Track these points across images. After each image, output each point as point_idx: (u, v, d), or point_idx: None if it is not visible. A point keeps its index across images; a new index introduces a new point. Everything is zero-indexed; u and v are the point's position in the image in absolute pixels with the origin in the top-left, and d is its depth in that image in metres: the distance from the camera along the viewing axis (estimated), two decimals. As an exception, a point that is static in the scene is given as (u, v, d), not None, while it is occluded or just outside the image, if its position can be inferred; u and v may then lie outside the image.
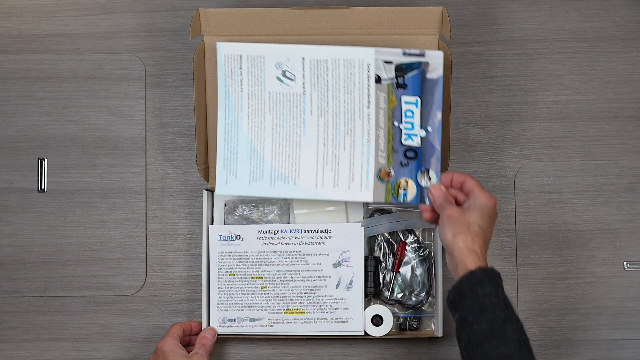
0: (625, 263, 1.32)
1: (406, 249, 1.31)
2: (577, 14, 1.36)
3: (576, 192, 1.34)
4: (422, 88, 1.23)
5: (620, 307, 1.32)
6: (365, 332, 1.28)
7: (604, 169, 1.34)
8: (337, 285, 1.28)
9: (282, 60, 1.24)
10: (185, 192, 1.35)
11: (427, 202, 1.20)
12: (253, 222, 1.30)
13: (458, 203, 1.17)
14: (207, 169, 1.30)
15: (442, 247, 1.29)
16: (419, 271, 1.30)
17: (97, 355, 1.33)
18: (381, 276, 1.31)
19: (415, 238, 1.31)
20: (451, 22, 1.32)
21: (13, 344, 1.33)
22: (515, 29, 1.36)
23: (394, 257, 1.31)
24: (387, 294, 1.30)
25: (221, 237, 1.28)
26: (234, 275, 1.28)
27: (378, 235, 1.31)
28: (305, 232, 1.28)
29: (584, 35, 1.36)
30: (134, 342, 1.33)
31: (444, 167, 1.28)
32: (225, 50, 1.25)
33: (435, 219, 1.19)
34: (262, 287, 1.28)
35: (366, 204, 1.31)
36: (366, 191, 1.24)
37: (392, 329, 1.28)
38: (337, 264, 1.28)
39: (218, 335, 1.28)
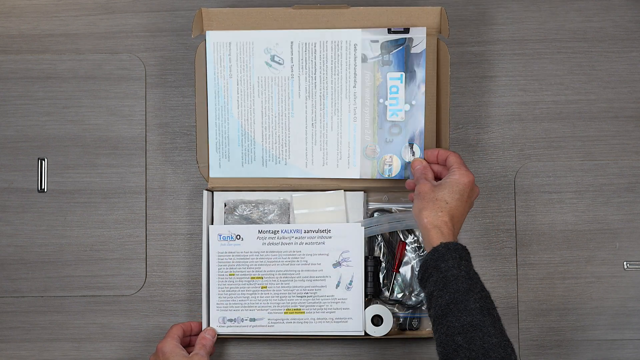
0: (625, 263, 1.32)
1: (406, 249, 1.31)
2: (577, 14, 1.36)
3: (576, 192, 1.34)
4: (407, 63, 1.27)
5: (620, 307, 1.32)
6: (365, 332, 1.28)
7: (604, 169, 1.34)
8: (337, 285, 1.28)
9: (271, 45, 1.28)
10: (185, 192, 1.35)
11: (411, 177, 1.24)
12: (253, 222, 1.30)
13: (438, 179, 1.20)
14: (207, 169, 1.30)
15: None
16: (419, 271, 1.30)
17: (97, 355, 1.33)
18: (381, 276, 1.31)
19: (415, 238, 1.31)
20: (451, 22, 1.33)
21: (13, 344, 1.33)
22: (515, 29, 1.36)
23: (394, 257, 1.31)
24: (387, 294, 1.30)
25: (221, 237, 1.28)
26: (234, 275, 1.28)
27: (378, 235, 1.31)
28: (305, 232, 1.28)
29: (584, 35, 1.36)
30: (134, 342, 1.33)
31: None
32: (215, 39, 1.28)
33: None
34: (262, 287, 1.28)
35: (366, 204, 1.31)
36: (353, 168, 1.29)
37: (392, 329, 1.28)
38: (337, 264, 1.28)
39: (218, 335, 1.28)
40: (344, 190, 1.30)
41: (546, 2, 1.36)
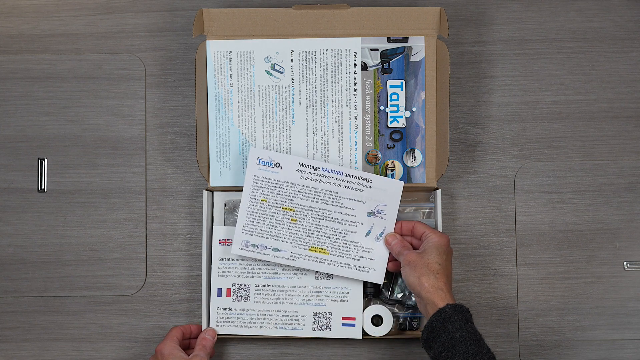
0: (625, 263, 1.32)
1: (406, 249, 1.31)
2: (577, 14, 1.36)
3: (576, 192, 1.34)
4: (406, 70, 1.28)
5: (620, 307, 1.32)
6: (365, 332, 1.28)
7: (604, 169, 1.34)
8: (367, 234, 1.26)
9: (271, 54, 1.28)
10: (185, 192, 1.35)
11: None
12: (253, 222, 1.30)
13: (414, 248, 1.24)
14: (208, 168, 1.30)
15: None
16: (419, 271, 1.30)
17: (97, 355, 1.33)
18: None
19: (415, 238, 1.31)
20: (451, 22, 1.33)
21: (13, 344, 1.33)
22: (515, 29, 1.36)
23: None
24: (387, 294, 1.30)
25: (260, 161, 1.26)
26: (265, 201, 1.26)
27: (378, 235, 1.31)
28: (346, 176, 1.26)
29: (584, 35, 1.36)
30: (134, 342, 1.33)
31: (442, 163, 1.28)
32: (215, 48, 1.29)
33: (398, 267, 1.25)
34: (291, 220, 1.26)
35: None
36: None
37: (392, 329, 1.28)
38: (371, 214, 1.26)
39: (218, 335, 1.28)
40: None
41: (546, 2, 1.36)
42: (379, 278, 1.26)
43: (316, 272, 1.28)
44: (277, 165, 1.26)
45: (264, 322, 1.27)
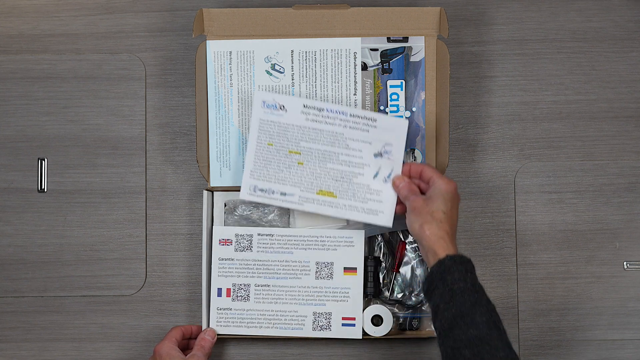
0: (625, 263, 1.32)
1: (406, 249, 1.31)
2: (577, 14, 1.36)
3: (576, 192, 1.34)
4: (406, 70, 1.28)
5: (620, 307, 1.32)
6: (365, 332, 1.28)
7: (604, 169, 1.34)
8: (375, 176, 1.25)
9: (271, 54, 1.28)
10: (185, 192, 1.35)
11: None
12: (253, 222, 1.30)
13: (422, 192, 1.21)
14: (208, 168, 1.30)
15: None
16: (419, 271, 1.30)
17: (97, 355, 1.33)
18: (381, 276, 1.31)
19: (415, 238, 1.31)
20: (451, 22, 1.33)
21: (13, 344, 1.33)
22: (515, 29, 1.36)
23: (394, 257, 1.31)
24: (387, 294, 1.30)
25: (265, 104, 1.25)
26: (272, 145, 1.25)
27: (378, 235, 1.31)
28: (350, 116, 1.25)
29: (584, 35, 1.36)
30: (134, 342, 1.33)
31: (442, 163, 1.28)
32: (215, 48, 1.29)
33: (404, 210, 1.22)
34: (298, 163, 1.25)
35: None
36: None
37: (392, 329, 1.28)
38: (378, 155, 1.25)
39: (218, 335, 1.28)
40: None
41: (546, 2, 1.36)
42: (387, 220, 1.24)
43: (315, 271, 1.28)
44: (282, 107, 1.25)
45: (264, 322, 1.27)
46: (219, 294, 1.28)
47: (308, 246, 1.28)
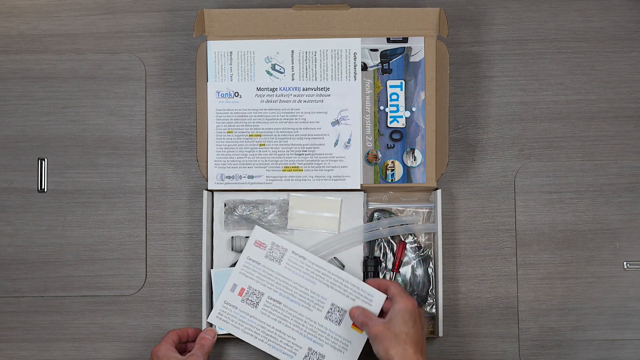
0: (625, 263, 1.33)
1: (406, 249, 1.31)
2: (577, 14, 1.36)
3: (576, 192, 1.34)
4: (406, 71, 1.29)
5: (620, 307, 1.32)
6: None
7: (604, 169, 1.34)
8: (336, 144, 1.28)
9: (271, 54, 1.28)
10: (185, 192, 1.35)
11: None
12: (253, 222, 1.30)
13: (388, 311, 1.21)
14: (207, 168, 1.30)
15: (442, 247, 1.29)
16: (419, 271, 1.30)
17: (97, 355, 1.33)
18: (381, 276, 1.30)
19: (415, 238, 1.31)
20: (451, 22, 1.33)
21: (13, 344, 1.33)
22: (515, 29, 1.36)
23: (394, 257, 1.31)
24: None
25: (219, 94, 1.28)
26: (232, 132, 1.28)
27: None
28: (303, 90, 1.28)
29: (584, 35, 1.36)
30: (134, 342, 1.33)
31: (442, 163, 1.28)
32: (216, 48, 1.29)
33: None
34: (260, 145, 1.28)
35: (366, 204, 1.31)
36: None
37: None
38: (335, 122, 1.28)
39: (218, 335, 1.28)
40: (344, 191, 1.30)
41: (546, 2, 1.36)
42: (355, 183, 1.28)
43: (327, 311, 1.26)
44: (236, 94, 1.28)
45: (260, 334, 1.27)
46: (233, 289, 1.28)
47: (332, 285, 1.26)
